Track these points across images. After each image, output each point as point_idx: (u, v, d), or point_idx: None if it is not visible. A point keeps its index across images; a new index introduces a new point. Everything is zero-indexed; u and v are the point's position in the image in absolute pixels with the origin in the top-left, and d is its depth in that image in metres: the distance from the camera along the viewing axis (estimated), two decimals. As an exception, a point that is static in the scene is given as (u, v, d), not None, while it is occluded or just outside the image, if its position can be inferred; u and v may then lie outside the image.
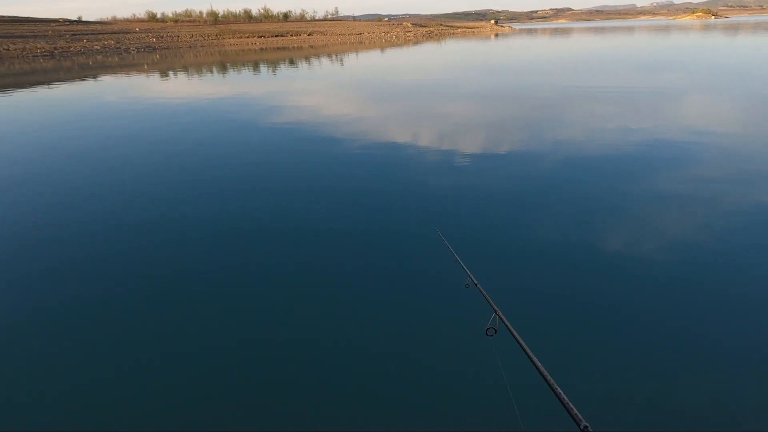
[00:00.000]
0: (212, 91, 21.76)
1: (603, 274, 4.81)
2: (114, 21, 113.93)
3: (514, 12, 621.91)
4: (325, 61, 41.47)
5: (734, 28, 78.65)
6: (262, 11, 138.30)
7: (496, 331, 1.89)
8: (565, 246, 5.40)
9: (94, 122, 14.81)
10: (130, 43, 76.00)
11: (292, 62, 40.45)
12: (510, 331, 1.86)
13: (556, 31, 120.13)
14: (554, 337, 3.88)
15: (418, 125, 12.56)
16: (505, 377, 2.32)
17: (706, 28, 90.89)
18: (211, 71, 33.10)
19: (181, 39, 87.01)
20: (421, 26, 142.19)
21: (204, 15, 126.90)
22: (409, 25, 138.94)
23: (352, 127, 12.64)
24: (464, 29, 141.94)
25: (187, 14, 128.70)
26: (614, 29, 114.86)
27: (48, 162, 10.26)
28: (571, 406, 1.35)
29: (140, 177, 8.85)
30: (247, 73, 31.66)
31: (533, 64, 30.39)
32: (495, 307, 2.06)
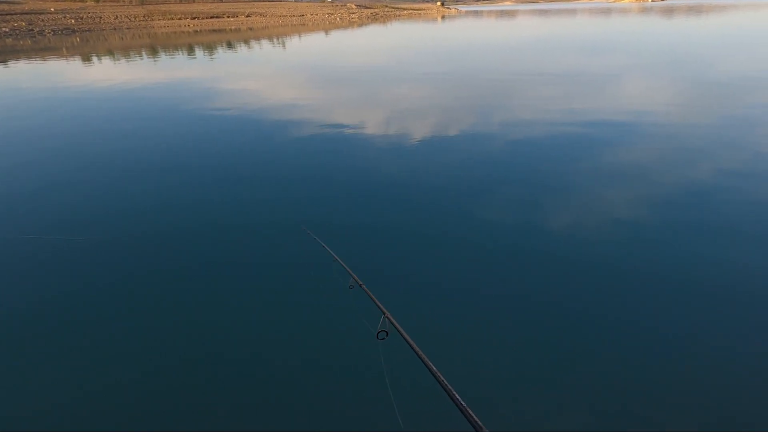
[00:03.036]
0: (143, 76, 20.88)
1: (510, 266, 4.81)
2: (24, 0, 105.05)
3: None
4: (266, 44, 40.57)
5: (670, 11, 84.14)
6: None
7: (387, 333, 1.83)
8: (466, 239, 5.38)
9: (6, 113, 13.93)
10: (44, 25, 70.46)
11: (230, 45, 39.25)
12: (401, 334, 1.79)
13: (502, 14, 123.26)
14: (449, 336, 3.86)
15: (362, 111, 12.80)
16: (388, 380, 2.18)
17: (644, 10, 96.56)
18: (141, 55, 31.54)
19: (104, 20, 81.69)
20: (366, 8, 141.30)
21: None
22: (354, 6, 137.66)
23: (291, 113, 12.69)
24: (410, 11, 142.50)
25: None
26: (558, 11, 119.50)
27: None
28: (471, 412, 1.31)
29: (57, 177, 8.56)
30: (181, 57, 30.47)
31: (480, 47, 31.28)
32: (383, 309, 1.98)
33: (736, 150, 8.06)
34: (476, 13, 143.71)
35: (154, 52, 34.25)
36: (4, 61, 29.25)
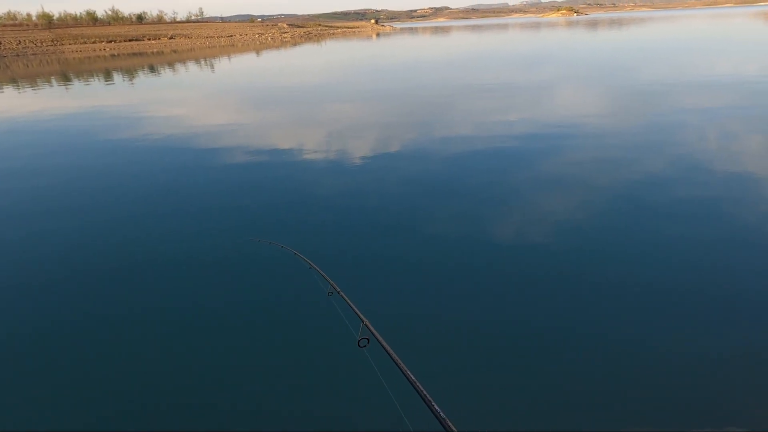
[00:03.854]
0: (53, 105, 19.55)
1: (488, 272, 5.01)
2: None
3: (394, 11, 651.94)
4: (192, 66, 39.59)
5: (594, 24, 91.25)
6: (110, 13, 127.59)
7: (368, 341, 1.88)
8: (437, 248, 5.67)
9: None
10: (-69, 54, 65.14)
11: (153, 70, 37.94)
12: (379, 341, 1.84)
13: (436, 30, 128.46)
14: (425, 346, 3.95)
15: (298, 132, 12.61)
16: (385, 382, 2.15)
17: (571, 24, 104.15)
18: (50, 83, 29.69)
19: (4, 46, 76.82)
20: (299, 27, 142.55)
21: (34, 18, 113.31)
22: (285, 26, 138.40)
23: (221, 138, 12.27)
24: (344, 29, 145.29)
25: (10, 17, 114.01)
26: (490, 26, 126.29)
27: None
28: (449, 423, 1.33)
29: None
30: (96, 83, 28.97)
31: (417, 63, 32.16)
32: (361, 317, 2.03)
33: (660, 153, 8.67)
34: (411, 29, 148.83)
35: (65, 78, 32.36)
36: None
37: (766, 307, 4.17)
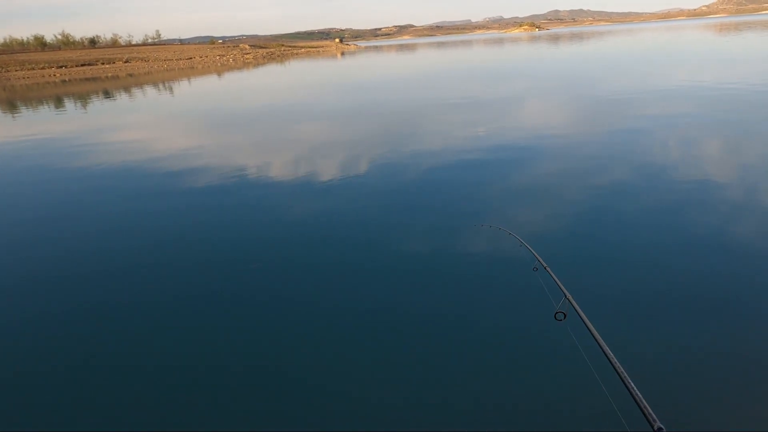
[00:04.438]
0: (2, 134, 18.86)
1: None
2: None
3: (359, 30, 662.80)
4: (150, 90, 39.08)
5: (555, 38, 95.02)
6: (60, 37, 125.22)
7: (565, 315, 1.91)
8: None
9: None
10: None
11: (107, 94, 37.23)
12: (580, 316, 1.88)
13: (402, 47, 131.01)
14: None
15: (273, 154, 12.55)
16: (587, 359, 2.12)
17: (533, 39, 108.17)
18: (-5, 111, 28.69)
19: (-59, 74, 74.09)
20: (261, 47, 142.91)
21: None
22: (247, 47, 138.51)
23: (183, 162, 12.08)
24: (308, 48, 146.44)
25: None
26: (455, 43, 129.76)
27: None
28: (645, 404, 1.32)
29: None
30: (45, 110, 28.18)
31: (382, 81, 32.65)
32: (565, 291, 2.11)
33: (626, 160, 9.08)
34: (376, 48, 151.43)
35: (11, 106, 31.38)
36: None
37: (742, 307, 4.32)
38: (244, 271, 5.77)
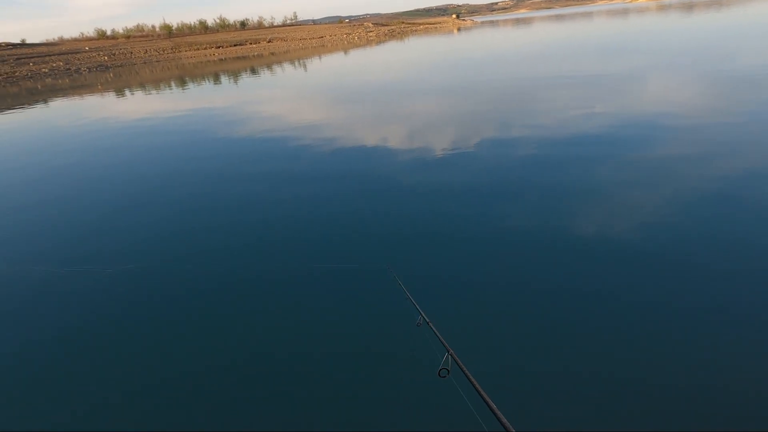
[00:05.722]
0: (176, 107, 21.46)
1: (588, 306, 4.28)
2: (61, 42, 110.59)
3: (475, 5, 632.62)
4: (288, 67, 41.36)
5: (689, 7, 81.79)
6: (218, 21, 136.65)
7: (449, 371, 1.82)
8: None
9: (58, 148, 14.45)
10: (80, 63, 74.00)
11: (254, 71, 40.19)
12: (464, 372, 1.78)
13: (518, 22, 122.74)
14: (513, 376, 3.61)
15: (390, 127, 12.72)
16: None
17: (662, 8, 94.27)
18: (170, 87, 32.58)
19: (134, 55, 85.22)
20: (383, 25, 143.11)
21: (157, 29, 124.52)
22: (371, 24, 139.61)
23: (323, 132, 12.70)
24: (426, 25, 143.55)
25: (139, 29, 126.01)
26: (574, 15, 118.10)
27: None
28: None
29: (115, 202, 8.73)
30: (209, 85, 31.34)
31: (500, 56, 31.02)
32: (447, 347, 1.98)
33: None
34: (492, 23, 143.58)
35: (182, 82, 35.35)
36: (45, 101, 30.67)
37: None
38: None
